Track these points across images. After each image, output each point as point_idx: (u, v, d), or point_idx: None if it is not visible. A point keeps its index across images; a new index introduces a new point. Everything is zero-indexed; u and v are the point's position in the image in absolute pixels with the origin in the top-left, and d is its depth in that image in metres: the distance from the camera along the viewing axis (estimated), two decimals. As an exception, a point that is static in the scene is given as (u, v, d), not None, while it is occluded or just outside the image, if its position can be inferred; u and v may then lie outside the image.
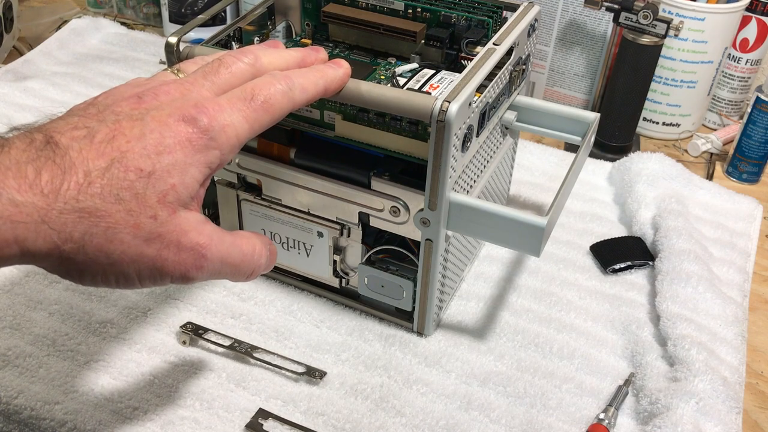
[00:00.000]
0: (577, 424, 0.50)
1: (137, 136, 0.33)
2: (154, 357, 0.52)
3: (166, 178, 0.34)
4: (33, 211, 0.30)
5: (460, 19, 0.56)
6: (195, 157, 0.35)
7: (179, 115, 0.35)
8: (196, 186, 0.35)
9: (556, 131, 0.58)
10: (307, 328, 0.56)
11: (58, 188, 0.31)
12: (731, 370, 0.52)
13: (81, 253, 0.32)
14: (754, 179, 0.76)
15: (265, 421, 0.48)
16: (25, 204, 0.30)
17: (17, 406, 0.48)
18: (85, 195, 0.32)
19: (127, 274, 0.34)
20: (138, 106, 0.35)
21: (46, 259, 0.32)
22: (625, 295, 0.60)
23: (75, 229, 0.31)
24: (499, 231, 0.48)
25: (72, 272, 0.33)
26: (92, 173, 0.32)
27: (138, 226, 0.33)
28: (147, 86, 0.37)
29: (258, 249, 0.39)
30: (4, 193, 0.30)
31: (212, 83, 0.38)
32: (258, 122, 0.38)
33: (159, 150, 0.34)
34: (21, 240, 0.30)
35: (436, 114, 0.44)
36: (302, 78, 0.41)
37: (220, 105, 0.36)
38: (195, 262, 0.35)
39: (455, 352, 0.54)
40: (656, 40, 0.71)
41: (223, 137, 0.36)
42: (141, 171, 0.33)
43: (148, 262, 0.34)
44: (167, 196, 0.34)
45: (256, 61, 0.40)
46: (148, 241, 0.33)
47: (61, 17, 1.00)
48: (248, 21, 0.57)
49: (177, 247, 0.34)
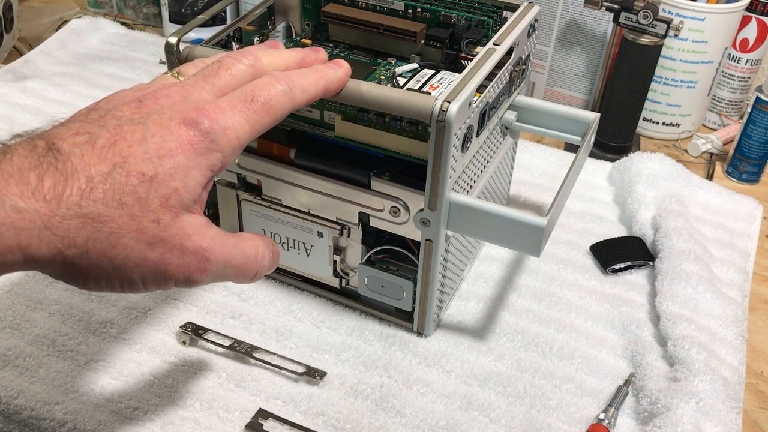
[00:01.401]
0: (577, 424, 0.50)
1: (139, 141, 0.33)
2: (154, 357, 0.52)
3: (168, 182, 0.34)
4: (36, 217, 0.30)
5: (460, 19, 0.56)
6: (197, 160, 0.35)
7: (180, 119, 0.35)
8: (199, 189, 0.35)
9: (556, 131, 0.58)
10: (307, 328, 0.56)
11: (61, 194, 0.31)
12: (731, 370, 0.52)
13: (85, 259, 0.32)
14: (754, 179, 0.76)
15: (265, 421, 0.48)
16: (28, 210, 0.30)
17: (17, 406, 0.48)
18: (87, 200, 0.32)
19: (132, 279, 0.34)
20: (139, 110, 0.35)
21: (50, 266, 0.32)
22: (625, 295, 0.60)
23: (78, 234, 0.31)
24: (499, 231, 0.48)
25: (76, 278, 0.33)
26: (94, 178, 0.32)
27: (141, 231, 0.33)
28: (147, 90, 0.37)
29: (261, 251, 0.39)
30: (7, 199, 0.30)
31: (212, 85, 0.38)
32: (259, 123, 0.38)
33: (161, 154, 0.34)
34: (24, 246, 0.31)
35: (436, 114, 0.44)
36: (302, 78, 0.41)
37: (221, 107, 0.36)
38: (199, 266, 0.35)
39: (455, 352, 0.54)
40: (656, 40, 0.71)
41: (225, 139, 0.36)
42: (143, 175, 0.33)
43: (152, 266, 0.34)
44: (170, 200, 0.34)
45: (256, 62, 0.40)
46: (151, 245, 0.33)
47: (61, 17, 1.00)
48: (248, 21, 0.57)
49: (180, 250, 0.34)
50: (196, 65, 0.41)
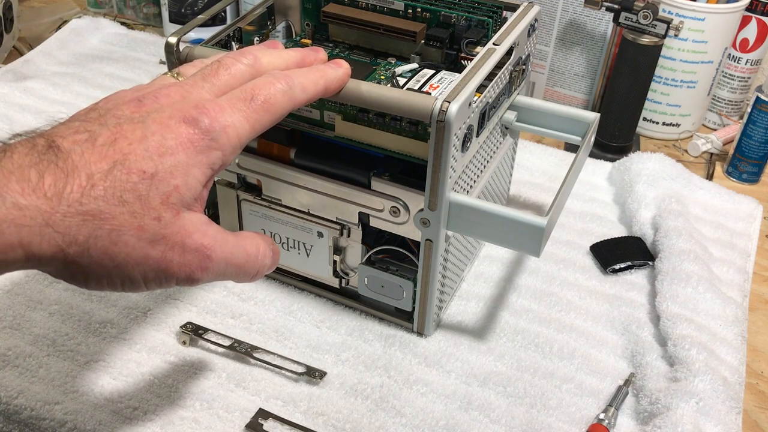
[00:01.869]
0: (577, 424, 0.50)
1: (139, 139, 0.33)
2: (154, 357, 0.52)
3: (168, 180, 0.34)
4: (37, 214, 0.30)
5: (460, 19, 0.56)
6: (197, 158, 0.35)
7: (180, 117, 0.35)
8: (199, 187, 0.35)
9: (556, 131, 0.58)
10: (307, 328, 0.56)
11: (62, 191, 0.31)
12: (731, 370, 0.52)
13: (86, 257, 0.32)
14: (754, 179, 0.76)
15: (265, 421, 0.48)
16: (29, 207, 0.30)
17: (17, 406, 0.48)
18: (88, 198, 0.32)
19: (133, 277, 0.34)
20: (139, 109, 0.35)
21: (51, 263, 0.32)
22: (625, 295, 0.60)
23: (79, 232, 0.31)
24: (499, 231, 0.48)
25: (77, 276, 0.33)
26: (95, 176, 0.32)
27: (142, 228, 0.33)
28: (147, 90, 0.37)
29: (262, 250, 0.39)
30: (8, 196, 0.30)
31: (212, 85, 0.38)
32: (259, 122, 0.38)
33: (161, 152, 0.34)
34: (26, 244, 0.31)
35: (436, 114, 0.44)
36: (302, 77, 0.41)
37: (221, 106, 0.36)
38: (200, 264, 0.35)
39: (455, 352, 0.54)
40: (656, 40, 0.71)
41: (225, 138, 0.36)
42: (144, 173, 0.33)
43: (153, 264, 0.34)
44: (170, 198, 0.34)
45: (256, 61, 0.40)
46: (152, 243, 0.33)
47: (61, 17, 1.00)
48: (248, 21, 0.57)
49: (182, 248, 0.34)
50: (196, 66, 0.41)
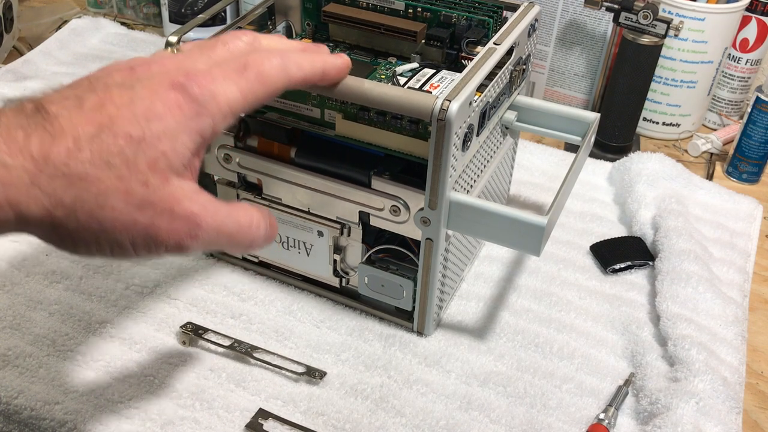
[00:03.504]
0: (577, 424, 0.49)
1: (126, 103, 0.33)
2: (154, 357, 0.52)
3: (156, 145, 0.33)
4: (23, 173, 0.31)
5: (461, 18, 0.56)
6: (186, 124, 0.34)
7: (169, 83, 0.35)
8: (188, 154, 0.35)
9: (556, 131, 0.58)
10: (307, 328, 0.56)
11: (48, 153, 0.31)
12: (731, 370, 0.52)
13: (73, 220, 0.32)
14: (754, 179, 0.76)
15: (265, 421, 0.48)
16: (15, 167, 0.31)
17: (17, 406, 0.48)
18: (74, 160, 0.32)
19: (121, 242, 0.34)
20: (129, 76, 0.35)
21: (40, 226, 0.32)
22: (625, 295, 0.60)
23: (65, 194, 0.31)
24: (499, 230, 0.48)
25: (65, 240, 0.33)
26: (81, 139, 0.32)
27: (129, 193, 0.33)
28: (141, 59, 0.37)
29: (256, 220, 0.39)
30: None
31: (208, 57, 0.38)
32: (252, 93, 0.37)
33: (149, 116, 0.33)
34: (14, 203, 0.31)
35: (437, 113, 0.44)
36: (299, 56, 0.40)
37: (212, 74, 0.36)
38: (189, 231, 0.35)
39: (455, 352, 0.54)
40: (656, 40, 0.71)
41: (215, 105, 0.35)
42: (130, 137, 0.33)
43: (141, 230, 0.33)
44: (158, 163, 0.33)
45: (255, 41, 0.40)
46: (140, 208, 0.33)
47: (61, 17, 1.00)
48: (248, 21, 0.57)
49: (170, 215, 0.34)
50: (196, 44, 0.41)
